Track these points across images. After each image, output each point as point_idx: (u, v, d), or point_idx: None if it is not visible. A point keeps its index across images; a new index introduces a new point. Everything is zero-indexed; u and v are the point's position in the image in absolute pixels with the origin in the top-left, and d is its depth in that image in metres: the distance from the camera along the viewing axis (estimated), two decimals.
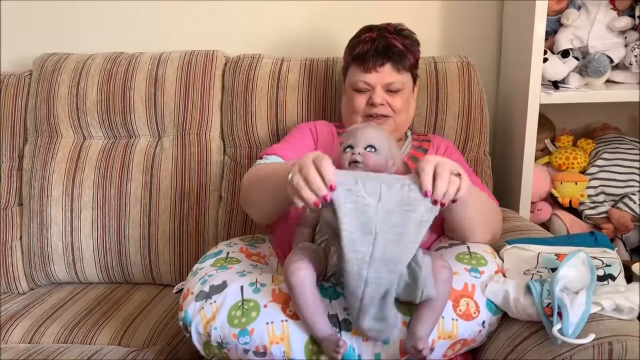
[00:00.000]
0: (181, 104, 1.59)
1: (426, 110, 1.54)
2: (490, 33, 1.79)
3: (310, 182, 0.88)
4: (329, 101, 1.57)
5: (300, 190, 0.89)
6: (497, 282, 1.04)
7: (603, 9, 1.60)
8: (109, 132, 1.64)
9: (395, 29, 1.33)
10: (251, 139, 1.58)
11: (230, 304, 0.98)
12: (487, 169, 1.58)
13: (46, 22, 1.80)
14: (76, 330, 1.36)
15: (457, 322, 0.99)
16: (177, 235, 1.55)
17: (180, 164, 1.57)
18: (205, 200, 1.56)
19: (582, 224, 1.66)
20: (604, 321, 0.94)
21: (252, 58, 1.61)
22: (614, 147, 1.71)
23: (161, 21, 1.79)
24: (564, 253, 1.12)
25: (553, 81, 1.60)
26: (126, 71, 1.61)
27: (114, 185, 1.57)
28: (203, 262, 1.13)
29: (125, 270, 1.58)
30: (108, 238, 1.57)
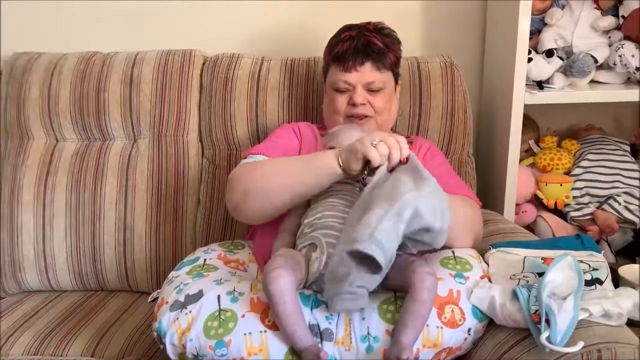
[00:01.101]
0: (157, 105, 1.55)
1: (409, 111, 1.52)
2: (473, 32, 1.77)
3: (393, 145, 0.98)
4: (310, 102, 1.54)
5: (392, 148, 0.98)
6: (482, 288, 1.02)
7: (587, 8, 1.59)
8: (83, 135, 1.59)
9: (375, 27, 1.31)
10: (230, 140, 1.54)
11: (206, 314, 0.95)
12: (471, 171, 1.56)
13: (17, 21, 1.74)
14: (47, 340, 1.31)
15: (442, 329, 0.97)
16: (153, 241, 1.51)
17: (157, 166, 1.53)
18: (183, 204, 1.52)
19: (567, 226, 1.65)
20: (593, 327, 0.92)
21: (231, 57, 1.57)
22: (599, 148, 1.70)
23: (137, 20, 1.74)
24: (550, 257, 1.11)
25: (537, 81, 1.58)
26: (100, 71, 1.57)
27: (88, 190, 1.52)
28: (179, 269, 1.10)
29: (100, 277, 1.53)
30: (82, 244, 1.52)
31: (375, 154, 0.97)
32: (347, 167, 1.02)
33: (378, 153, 0.97)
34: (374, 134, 1.01)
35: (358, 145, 1.00)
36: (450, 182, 1.18)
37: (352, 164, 1.01)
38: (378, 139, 0.99)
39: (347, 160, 1.01)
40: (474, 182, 1.56)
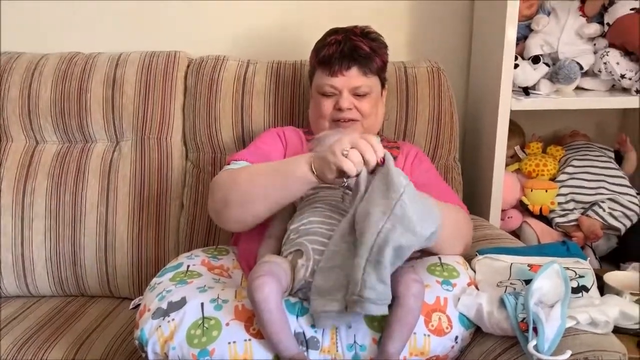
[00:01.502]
0: (141, 107, 1.52)
1: (396, 116, 1.51)
2: (460, 38, 1.77)
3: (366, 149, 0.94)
4: (296, 106, 1.52)
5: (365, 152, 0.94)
6: (469, 296, 1.02)
7: (572, 15, 1.60)
8: (64, 137, 1.56)
9: (361, 31, 1.30)
10: (215, 144, 1.52)
11: (189, 322, 0.94)
12: (457, 176, 1.56)
13: None
14: (26, 347, 1.27)
15: (430, 337, 0.96)
16: (135, 246, 1.48)
17: (140, 170, 1.50)
18: (166, 208, 1.50)
19: (552, 232, 1.66)
20: (580, 336, 0.92)
21: (217, 60, 1.55)
22: (583, 154, 1.71)
23: (120, 20, 1.72)
24: (537, 263, 1.11)
25: (523, 87, 1.59)
26: (82, 72, 1.54)
27: (69, 193, 1.49)
28: (162, 275, 1.08)
29: (80, 283, 1.50)
30: (62, 248, 1.48)
31: (349, 165, 0.93)
32: (322, 176, 0.99)
33: (352, 162, 0.94)
34: (343, 140, 0.96)
35: (329, 156, 0.95)
36: (437, 189, 1.17)
37: (326, 173, 0.97)
38: (349, 145, 0.95)
39: (321, 170, 0.98)
40: (460, 187, 1.55)
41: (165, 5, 1.71)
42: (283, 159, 1.14)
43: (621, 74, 1.55)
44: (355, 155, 0.94)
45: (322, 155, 0.98)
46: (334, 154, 0.95)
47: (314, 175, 0.99)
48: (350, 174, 0.94)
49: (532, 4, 1.62)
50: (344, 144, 0.94)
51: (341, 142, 0.95)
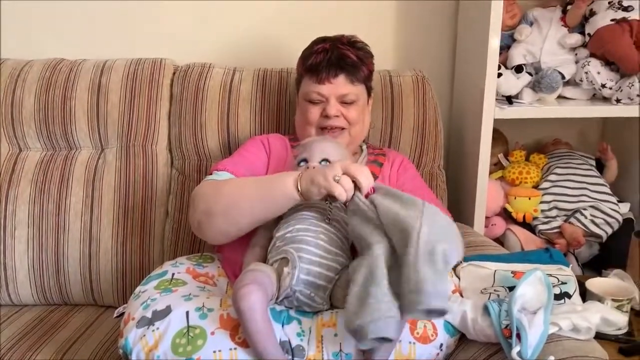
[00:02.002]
0: (126, 114, 1.51)
1: (381, 124, 1.52)
2: (444, 47, 1.79)
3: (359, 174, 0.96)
4: (282, 113, 1.53)
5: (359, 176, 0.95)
6: (454, 303, 1.02)
7: (554, 25, 1.63)
8: (48, 144, 1.54)
9: (348, 40, 1.32)
10: (200, 151, 1.51)
11: (174, 331, 0.92)
12: (441, 183, 1.57)
13: None
14: (7, 357, 1.25)
15: (415, 345, 0.96)
16: (120, 254, 1.47)
17: (124, 177, 1.49)
18: (151, 216, 1.49)
19: (535, 239, 1.67)
20: (562, 342, 0.93)
21: (202, 67, 1.55)
22: (566, 162, 1.73)
23: (106, 27, 1.71)
24: (520, 270, 1.12)
25: (507, 96, 1.61)
26: (67, 79, 1.53)
27: (52, 201, 1.47)
28: (146, 284, 1.07)
29: (64, 291, 1.48)
30: (45, 257, 1.47)
31: (341, 191, 0.95)
32: (307, 196, 1.00)
33: (343, 188, 0.95)
34: (335, 166, 0.98)
35: (321, 180, 0.97)
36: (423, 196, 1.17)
37: (313, 195, 0.99)
38: (340, 171, 0.96)
39: (308, 191, 0.99)
40: (444, 195, 1.57)
41: (151, 12, 1.70)
42: (269, 175, 1.13)
43: (602, 83, 1.58)
44: (347, 182, 0.95)
45: (310, 176, 0.99)
46: (326, 178, 0.96)
47: (299, 194, 1.01)
48: (341, 199, 0.96)
49: (515, 15, 1.65)
50: (336, 170, 0.96)
51: (333, 168, 0.97)
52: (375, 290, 0.85)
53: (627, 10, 1.56)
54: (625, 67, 1.56)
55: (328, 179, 0.96)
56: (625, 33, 1.54)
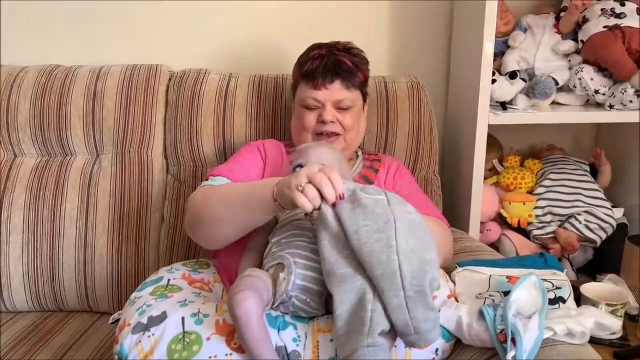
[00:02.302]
0: (121, 120, 1.51)
1: (377, 129, 1.53)
2: (439, 54, 1.80)
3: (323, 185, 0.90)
4: (278, 119, 1.53)
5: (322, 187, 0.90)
6: (449, 307, 1.02)
7: (548, 32, 1.64)
8: (43, 150, 1.54)
9: (344, 47, 1.33)
10: (196, 157, 1.52)
11: (170, 337, 0.92)
12: (436, 189, 1.57)
13: None
14: None
15: (410, 350, 0.96)
16: (115, 260, 1.46)
17: (120, 183, 1.49)
18: (146, 222, 1.49)
19: (530, 244, 1.68)
20: (557, 346, 0.93)
21: (198, 73, 1.55)
22: (560, 168, 1.74)
23: (101, 33, 1.71)
24: (515, 275, 1.12)
25: (501, 102, 1.62)
26: (62, 85, 1.53)
27: (47, 207, 1.47)
28: (142, 290, 1.06)
29: (59, 298, 1.48)
30: (40, 263, 1.46)
31: (303, 201, 0.90)
32: (282, 205, 0.96)
33: (307, 198, 0.90)
34: (300, 174, 0.92)
35: (285, 190, 0.93)
36: (419, 202, 1.18)
37: (287, 204, 0.95)
38: (305, 179, 0.91)
39: (281, 201, 0.96)
40: (439, 200, 1.57)
41: (146, 18, 1.71)
42: (255, 181, 1.12)
43: (595, 89, 1.59)
44: (310, 191, 0.90)
45: (283, 184, 0.95)
46: (290, 187, 0.92)
47: (276, 203, 0.97)
48: (305, 210, 0.91)
49: (508, 21, 1.66)
50: (301, 178, 0.91)
51: (298, 176, 0.92)
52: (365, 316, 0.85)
53: (619, 17, 1.57)
54: (618, 73, 1.57)
55: (291, 188, 0.91)
56: (617, 40, 1.56)
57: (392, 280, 0.85)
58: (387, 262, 0.86)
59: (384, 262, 0.86)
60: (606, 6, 1.60)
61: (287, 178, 0.95)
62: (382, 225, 0.88)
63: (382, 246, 0.86)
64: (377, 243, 0.87)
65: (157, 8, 1.70)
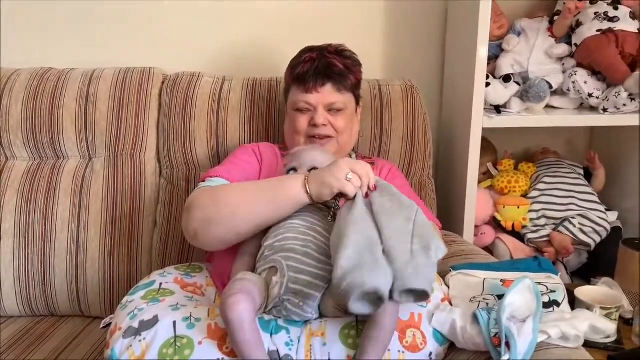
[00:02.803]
0: (114, 124, 1.51)
1: (371, 133, 1.52)
2: (433, 57, 1.80)
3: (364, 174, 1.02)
4: (272, 122, 1.53)
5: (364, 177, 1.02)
6: (443, 311, 1.02)
7: (542, 35, 1.65)
8: (35, 153, 1.53)
9: (335, 49, 1.32)
10: (189, 160, 1.51)
11: (161, 341, 0.92)
12: (431, 192, 1.57)
13: None
14: None
15: (404, 354, 0.96)
16: (107, 264, 1.45)
17: (112, 186, 1.48)
18: (139, 226, 1.48)
19: (524, 248, 1.68)
20: (551, 350, 0.93)
21: (191, 76, 1.55)
22: (554, 171, 1.74)
23: (94, 37, 1.70)
24: (509, 279, 1.12)
25: (495, 105, 1.62)
26: (55, 88, 1.52)
27: (39, 210, 1.46)
28: (133, 294, 1.06)
29: (50, 302, 1.46)
30: (31, 267, 1.45)
31: (352, 189, 1.00)
32: (319, 198, 1.03)
33: (353, 186, 1.00)
34: (341, 166, 1.02)
35: (333, 181, 1.01)
36: None
37: (325, 196, 1.02)
38: (349, 170, 1.01)
39: (319, 193, 1.02)
40: (434, 204, 1.57)
41: (140, 21, 1.70)
42: (269, 179, 1.12)
43: (589, 92, 1.59)
44: (356, 180, 1.01)
45: (320, 177, 1.02)
46: (338, 179, 1.00)
47: (308, 196, 1.03)
48: (350, 196, 1.01)
49: (502, 25, 1.66)
50: (345, 169, 1.01)
51: (340, 168, 1.01)
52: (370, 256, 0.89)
53: (612, 21, 1.58)
54: (612, 76, 1.57)
55: (340, 178, 1.00)
56: (611, 43, 1.56)
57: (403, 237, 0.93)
58: (403, 227, 0.94)
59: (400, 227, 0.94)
60: (599, 10, 1.60)
61: (323, 171, 1.04)
62: (405, 209, 0.98)
63: (402, 218, 0.96)
64: (398, 215, 0.96)
65: (150, 11, 1.70)
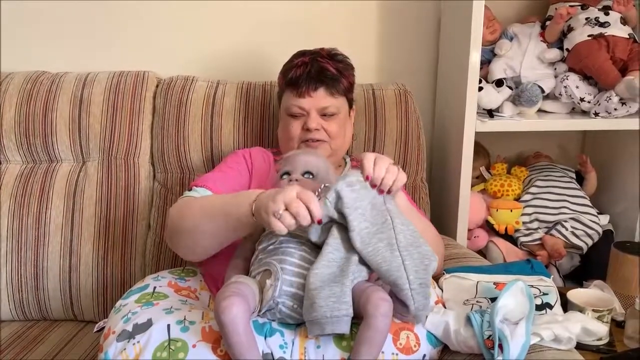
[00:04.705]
0: (108, 127, 1.50)
1: (364, 136, 1.53)
2: (426, 61, 1.81)
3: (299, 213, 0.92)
4: (266, 126, 1.53)
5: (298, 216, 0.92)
6: (437, 314, 1.02)
7: (534, 40, 1.66)
8: (28, 156, 1.52)
9: (328, 53, 1.33)
10: (183, 164, 1.51)
11: (155, 345, 0.91)
12: (424, 196, 1.58)
13: None
14: None
15: (398, 356, 0.96)
16: (101, 268, 1.45)
17: (106, 190, 1.48)
18: (133, 229, 1.47)
19: (517, 251, 1.68)
20: (544, 352, 0.94)
21: (186, 80, 1.55)
22: (546, 175, 1.75)
23: (89, 40, 1.70)
24: (502, 282, 1.13)
25: (488, 110, 1.63)
26: (48, 91, 1.51)
27: (32, 214, 1.45)
28: (127, 297, 1.05)
29: (43, 306, 1.46)
30: (24, 271, 1.44)
31: (280, 227, 0.91)
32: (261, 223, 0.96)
33: (283, 224, 0.91)
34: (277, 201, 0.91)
35: (262, 213, 0.93)
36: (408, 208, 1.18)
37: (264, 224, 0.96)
38: (282, 207, 0.91)
39: (259, 219, 0.96)
40: (427, 207, 1.57)
41: (134, 25, 1.70)
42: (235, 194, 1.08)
43: (580, 97, 1.61)
44: (287, 219, 0.91)
45: (260, 204, 0.95)
46: (267, 211, 0.92)
47: (254, 218, 0.97)
48: (280, 233, 0.92)
49: (495, 30, 1.68)
50: (278, 204, 0.91)
51: (275, 201, 0.92)
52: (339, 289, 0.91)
53: (603, 26, 1.59)
54: (603, 81, 1.59)
55: (268, 212, 0.92)
56: (602, 48, 1.58)
57: (398, 274, 0.93)
58: (392, 259, 0.93)
59: (389, 259, 0.93)
60: (591, 15, 1.62)
61: (265, 198, 0.94)
62: (381, 226, 0.96)
63: (385, 245, 0.95)
64: (379, 243, 0.95)
65: (144, 15, 1.70)
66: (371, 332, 0.91)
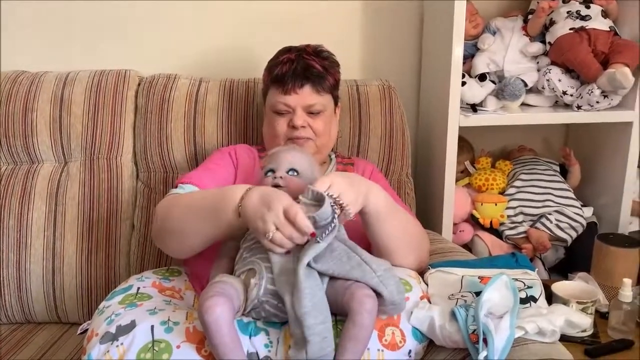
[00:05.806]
0: (89, 127, 1.49)
1: (349, 133, 1.52)
2: (410, 57, 1.81)
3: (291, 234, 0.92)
4: (250, 124, 1.52)
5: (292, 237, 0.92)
6: (422, 309, 1.02)
7: (516, 34, 1.66)
8: (8, 158, 1.50)
9: (314, 50, 1.32)
10: (167, 163, 1.50)
11: (139, 346, 0.91)
12: (410, 191, 1.58)
13: None
14: None
15: (383, 352, 0.96)
16: (84, 269, 1.44)
17: (89, 191, 1.47)
18: (116, 230, 1.46)
19: (502, 244, 1.69)
20: (528, 345, 0.94)
21: (168, 78, 1.54)
22: (531, 168, 1.76)
23: (69, 39, 1.68)
24: (487, 275, 1.13)
25: (471, 104, 1.63)
26: (28, 91, 1.49)
27: (13, 216, 1.44)
28: (111, 298, 1.05)
29: (26, 309, 1.44)
30: (6, 274, 1.43)
31: (274, 248, 0.93)
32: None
33: (276, 244, 0.93)
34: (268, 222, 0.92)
35: (258, 234, 0.95)
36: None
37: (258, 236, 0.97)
38: (273, 228, 0.92)
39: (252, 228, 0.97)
40: (413, 202, 1.58)
41: (115, 23, 1.68)
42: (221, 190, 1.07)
43: (563, 90, 1.62)
44: (279, 239, 0.92)
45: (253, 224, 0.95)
46: (257, 231, 0.94)
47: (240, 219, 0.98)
48: (276, 253, 0.94)
49: (477, 24, 1.68)
50: (268, 225, 0.92)
51: (265, 222, 0.92)
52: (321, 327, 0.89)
53: (585, 20, 1.60)
54: (585, 74, 1.59)
55: (259, 232, 0.94)
56: (583, 41, 1.59)
57: (361, 268, 0.95)
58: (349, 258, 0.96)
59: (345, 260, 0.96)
60: (572, 8, 1.62)
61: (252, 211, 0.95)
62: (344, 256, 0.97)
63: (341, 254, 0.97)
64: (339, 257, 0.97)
65: (126, 13, 1.68)
66: (356, 329, 0.90)
